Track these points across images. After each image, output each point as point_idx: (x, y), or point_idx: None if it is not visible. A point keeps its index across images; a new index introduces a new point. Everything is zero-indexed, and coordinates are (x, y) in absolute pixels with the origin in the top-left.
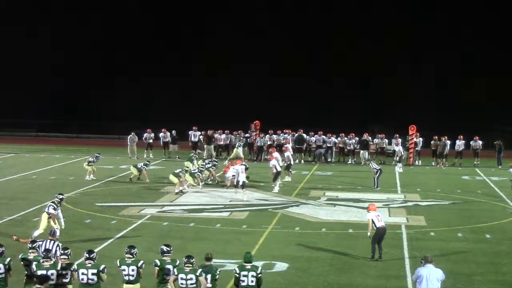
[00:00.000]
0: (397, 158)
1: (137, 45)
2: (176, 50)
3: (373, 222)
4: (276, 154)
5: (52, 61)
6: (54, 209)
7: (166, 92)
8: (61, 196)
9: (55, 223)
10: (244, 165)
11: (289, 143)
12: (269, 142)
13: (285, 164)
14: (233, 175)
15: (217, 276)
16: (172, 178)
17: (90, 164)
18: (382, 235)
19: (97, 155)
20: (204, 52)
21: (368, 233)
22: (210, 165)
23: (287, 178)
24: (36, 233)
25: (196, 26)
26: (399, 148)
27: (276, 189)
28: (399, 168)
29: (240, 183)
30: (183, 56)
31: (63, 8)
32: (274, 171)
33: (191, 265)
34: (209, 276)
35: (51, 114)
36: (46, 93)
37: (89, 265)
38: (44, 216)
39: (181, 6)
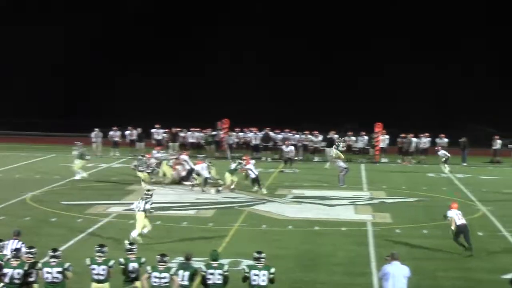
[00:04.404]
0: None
1: (112, 43)
2: (147, 50)
3: (454, 220)
4: (252, 161)
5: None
6: (146, 203)
7: (135, 90)
8: (150, 192)
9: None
10: (209, 163)
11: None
12: (236, 140)
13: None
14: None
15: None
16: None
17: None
18: (463, 232)
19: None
20: (178, 51)
21: (452, 227)
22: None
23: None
24: (135, 234)
25: (157, 26)
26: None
27: (264, 190)
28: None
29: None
30: (155, 56)
31: None
32: (253, 176)
33: (164, 264)
34: (186, 274)
35: (24, 112)
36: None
37: (54, 263)
38: (140, 215)
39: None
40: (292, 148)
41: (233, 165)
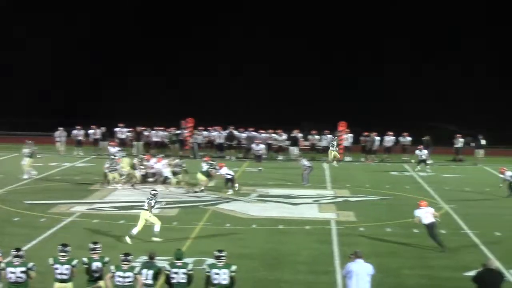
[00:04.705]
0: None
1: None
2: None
3: (420, 219)
4: (225, 167)
5: None
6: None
7: (99, 90)
8: (154, 192)
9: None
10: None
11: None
12: (203, 140)
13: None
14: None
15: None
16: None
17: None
18: (431, 229)
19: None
20: (148, 51)
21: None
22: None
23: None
24: (157, 228)
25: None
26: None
27: (236, 186)
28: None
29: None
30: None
31: None
32: (228, 177)
33: (128, 263)
34: (150, 273)
35: None
36: None
37: (17, 263)
38: (144, 214)
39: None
40: (263, 146)
41: (205, 166)
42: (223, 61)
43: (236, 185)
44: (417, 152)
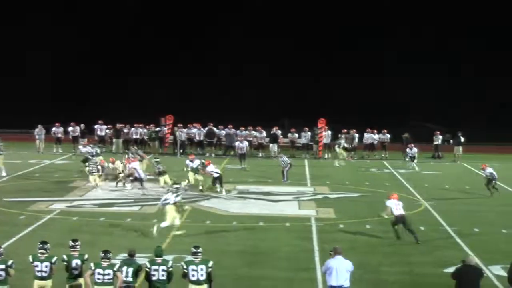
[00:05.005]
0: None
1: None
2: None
3: (391, 209)
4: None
5: None
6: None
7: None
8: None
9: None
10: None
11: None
12: (186, 137)
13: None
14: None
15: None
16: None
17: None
18: (401, 222)
19: None
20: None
21: (384, 215)
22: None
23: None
24: (165, 224)
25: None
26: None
27: (224, 191)
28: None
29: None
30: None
31: None
32: (216, 175)
33: (108, 260)
34: (130, 270)
35: None
36: None
37: None
38: (171, 208)
39: None
40: (246, 143)
41: (194, 164)
42: (199, 61)
43: (223, 187)
44: (407, 150)
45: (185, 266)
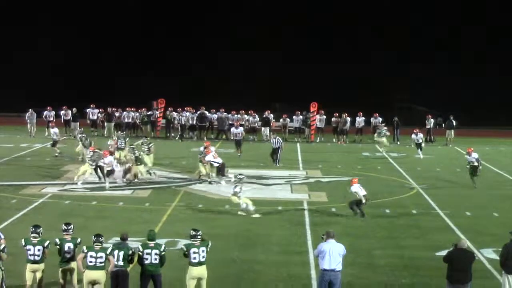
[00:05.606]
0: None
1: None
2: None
3: (359, 192)
4: (212, 149)
5: None
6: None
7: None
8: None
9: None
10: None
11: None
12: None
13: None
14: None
15: (131, 256)
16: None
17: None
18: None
19: None
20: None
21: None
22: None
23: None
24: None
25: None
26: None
27: (223, 181)
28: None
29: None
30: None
31: None
32: (216, 165)
33: (100, 244)
34: (121, 253)
35: None
36: None
37: None
38: (234, 199)
39: None
40: (242, 129)
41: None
42: (198, 48)
43: (225, 175)
44: (413, 136)
45: (185, 249)
